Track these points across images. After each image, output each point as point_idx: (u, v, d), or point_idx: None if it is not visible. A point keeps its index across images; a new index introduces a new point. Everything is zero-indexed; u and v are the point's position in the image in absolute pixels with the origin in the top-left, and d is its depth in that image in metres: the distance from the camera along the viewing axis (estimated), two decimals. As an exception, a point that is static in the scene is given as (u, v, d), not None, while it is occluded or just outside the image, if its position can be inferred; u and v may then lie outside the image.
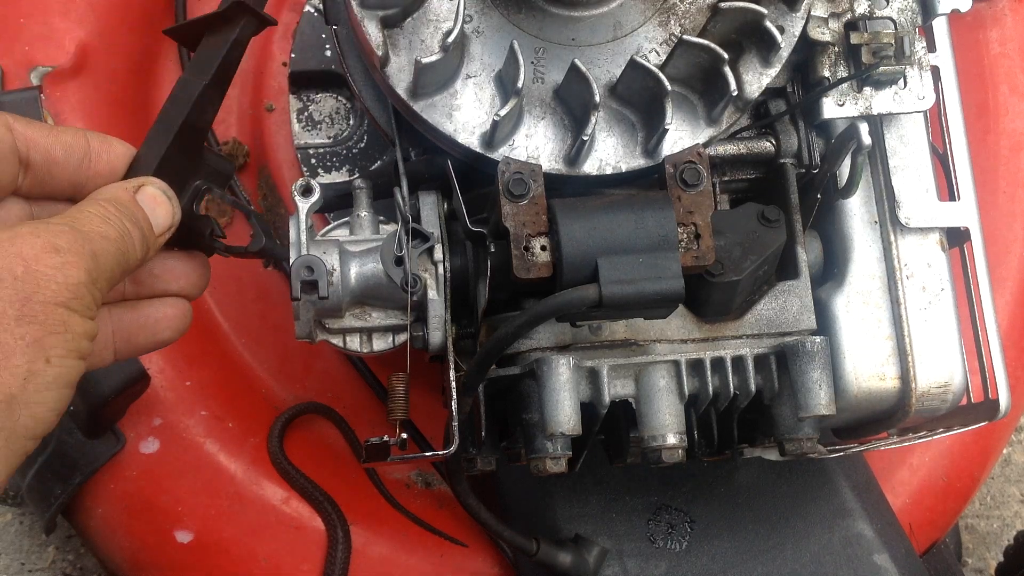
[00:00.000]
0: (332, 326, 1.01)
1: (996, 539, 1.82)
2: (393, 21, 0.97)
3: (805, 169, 1.05)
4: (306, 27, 1.37)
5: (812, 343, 0.98)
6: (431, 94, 0.97)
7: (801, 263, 1.03)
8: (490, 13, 1.00)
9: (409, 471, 1.40)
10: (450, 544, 1.33)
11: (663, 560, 1.20)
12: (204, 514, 1.30)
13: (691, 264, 0.89)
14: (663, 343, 1.01)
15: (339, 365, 1.41)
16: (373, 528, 1.33)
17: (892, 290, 1.04)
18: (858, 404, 1.04)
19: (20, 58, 1.34)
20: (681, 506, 1.23)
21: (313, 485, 1.31)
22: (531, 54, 0.98)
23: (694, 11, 1.01)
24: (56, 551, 1.67)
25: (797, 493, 1.23)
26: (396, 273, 0.97)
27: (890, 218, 1.05)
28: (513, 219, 0.89)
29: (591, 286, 0.85)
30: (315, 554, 1.29)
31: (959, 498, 1.45)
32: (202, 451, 1.31)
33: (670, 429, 0.98)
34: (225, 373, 1.37)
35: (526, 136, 0.96)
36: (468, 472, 1.07)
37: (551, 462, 0.97)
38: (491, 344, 0.90)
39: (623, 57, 0.98)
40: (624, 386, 1.00)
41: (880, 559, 1.20)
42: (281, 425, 1.34)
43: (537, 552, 1.16)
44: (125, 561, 1.33)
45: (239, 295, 1.42)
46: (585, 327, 0.99)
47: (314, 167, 1.38)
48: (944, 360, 1.04)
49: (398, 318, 1.01)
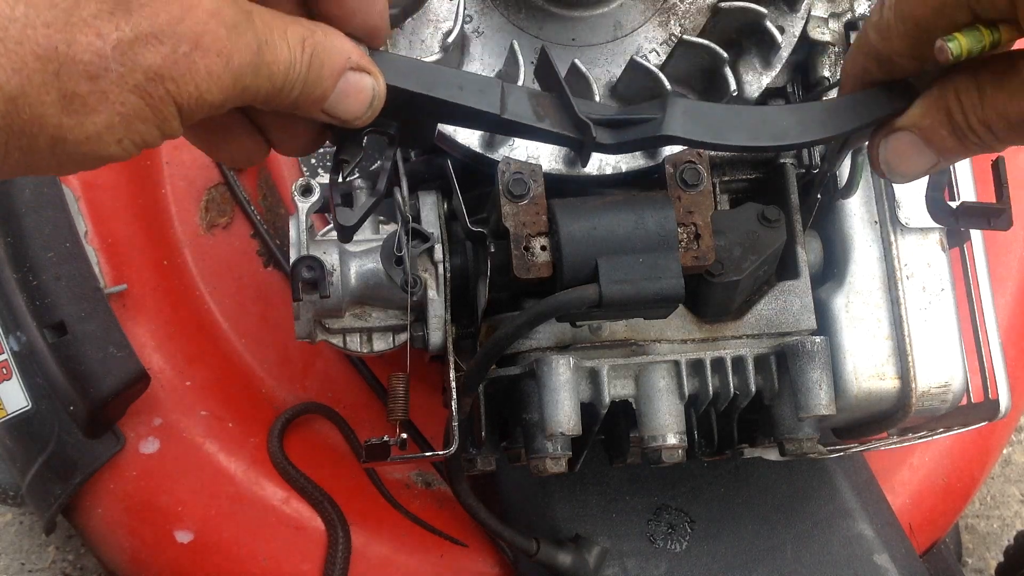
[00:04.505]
0: (332, 326, 1.01)
1: (996, 539, 1.82)
2: (393, 21, 0.97)
3: (805, 169, 1.05)
4: (306, 27, 1.37)
5: (812, 343, 0.98)
6: (431, 94, 0.97)
7: (801, 263, 1.03)
8: (490, 13, 1.00)
9: (409, 471, 1.40)
10: (450, 544, 1.33)
11: (663, 560, 1.20)
12: (204, 514, 1.30)
13: (691, 264, 0.89)
14: (663, 343, 1.01)
15: (339, 365, 1.41)
16: (373, 528, 1.33)
17: (892, 290, 1.04)
18: (858, 404, 1.04)
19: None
20: (681, 506, 1.23)
21: (313, 485, 1.31)
22: (531, 54, 0.98)
23: (694, 11, 1.01)
24: (56, 551, 1.67)
25: (797, 493, 1.23)
26: (396, 273, 0.97)
27: (890, 218, 1.05)
28: (513, 219, 0.89)
29: (591, 286, 0.85)
30: (315, 554, 1.29)
31: (959, 498, 1.45)
32: (202, 451, 1.31)
33: (670, 429, 0.98)
34: (225, 373, 1.38)
35: (526, 136, 0.96)
36: (468, 472, 1.07)
37: (551, 462, 0.97)
38: (491, 344, 0.90)
39: (623, 57, 0.98)
40: (624, 386, 1.00)
41: (880, 559, 1.20)
42: (281, 425, 1.34)
43: (537, 552, 1.16)
44: (125, 561, 1.34)
45: (239, 295, 1.42)
46: (585, 327, 0.99)
47: (314, 167, 1.38)
48: (944, 360, 1.04)
49: (398, 318, 1.01)
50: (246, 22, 0.58)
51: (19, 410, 1.28)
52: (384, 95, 0.68)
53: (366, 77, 0.66)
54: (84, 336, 1.24)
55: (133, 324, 1.32)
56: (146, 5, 0.54)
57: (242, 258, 1.42)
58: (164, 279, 1.39)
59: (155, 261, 1.39)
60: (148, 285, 1.37)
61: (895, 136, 0.71)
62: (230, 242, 1.43)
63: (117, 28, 0.53)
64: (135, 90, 0.55)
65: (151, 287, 1.37)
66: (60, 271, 1.25)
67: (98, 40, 0.53)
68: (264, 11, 0.61)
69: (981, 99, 0.66)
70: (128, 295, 1.34)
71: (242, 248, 1.43)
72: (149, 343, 1.33)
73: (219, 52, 0.56)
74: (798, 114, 0.75)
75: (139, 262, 1.37)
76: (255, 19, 0.59)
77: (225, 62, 0.57)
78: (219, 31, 0.56)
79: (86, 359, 1.23)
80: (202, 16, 0.56)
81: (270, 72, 0.60)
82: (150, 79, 0.55)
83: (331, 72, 0.64)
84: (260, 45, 0.59)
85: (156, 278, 1.38)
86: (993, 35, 0.63)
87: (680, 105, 0.75)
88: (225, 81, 0.57)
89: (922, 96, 0.70)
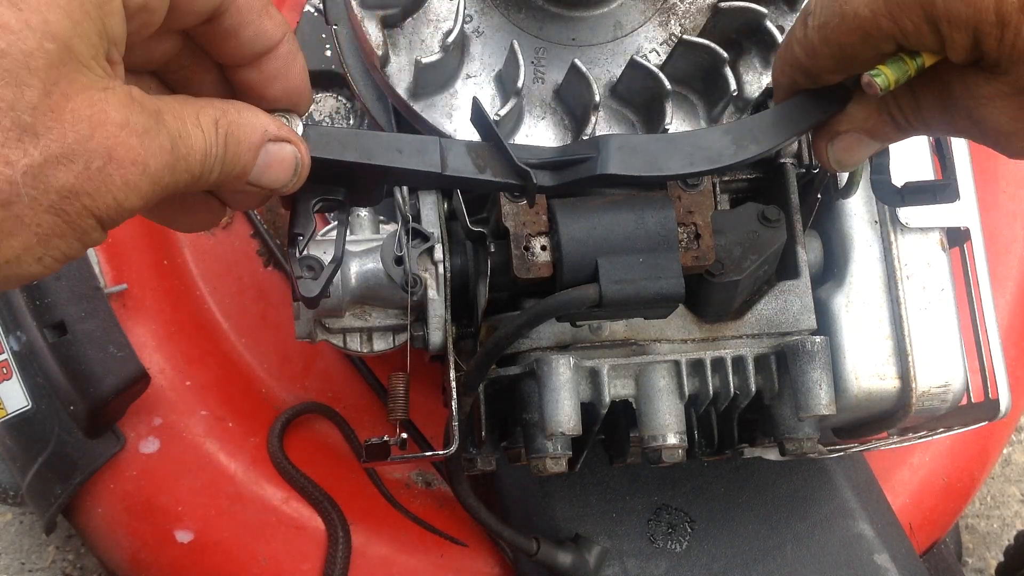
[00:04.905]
0: (332, 326, 1.01)
1: (996, 539, 1.82)
2: (393, 21, 0.97)
3: (805, 169, 1.05)
4: (306, 27, 1.37)
5: (812, 343, 0.98)
6: (431, 94, 0.97)
7: (801, 263, 1.03)
8: (490, 13, 1.00)
9: (409, 471, 1.40)
10: (450, 544, 1.33)
11: (663, 560, 1.20)
12: (204, 514, 1.30)
13: (691, 264, 0.89)
14: (663, 343, 1.01)
15: (339, 365, 1.41)
16: (373, 528, 1.33)
17: (892, 290, 1.04)
18: (858, 404, 1.04)
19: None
20: (681, 506, 1.23)
21: (313, 485, 1.31)
22: (531, 54, 0.98)
23: (694, 11, 1.01)
24: (56, 551, 1.67)
25: (797, 493, 1.23)
26: (396, 273, 0.97)
27: (890, 218, 1.05)
28: (513, 219, 0.89)
29: (591, 286, 0.85)
30: (315, 554, 1.29)
31: (959, 498, 1.45)
32: (202, 451, 1.31)
33: (670, 429, 0.98)
34: (225, 373, 1.38)
35: (526, 136, 0.96)
36: (468, 472, 1.07)
37: (551, 462, 0.97)
38: (491, 344, 0.90)
39: (623, 57, 0.98)
40: (624, 386, 1.00)
41: (880, 559, 1.20)
42: (281, 425, 1.34)
43: (537, 552, 1.16)
44: (125, 561, 1.34)
45: (239, 295, 1.42)
46: (585, 327, 0.99)
47: (314, 167, 1.38)
48: (944, 360, 1.04)
49: (398, 318, 1.01)
50: (156, 124, 0.58)
51: (19, 410, 1.28)
52: (308, 161, 0.67)
53: (286, 146, 0.65)
54: (84, 336, 1.24)
55: (133, 324, 1.32)
56: (53, 127, 0.53)
57: (242, 258, 1.43)
58: (164, 279, 1.39)
59: (155, 261, 1.39)
60: (148, 285, 1.37)
61: (841, 137, 0.75)
62: (230, 242, 1.43)
63: (25, 154, 0.52)
64: (50, 210, 0.54)
65: (151, 287, 1.37)
66: (60, 271, 1.25)
67: (7, 168, 0.52)
68: (173, 102, 0.61)
69: (916, 101, 0.71)
70: (128, 295, 1.34)
71: (242, 248, 1.43)
72: (149, 343, 1.33)
73: (133, 161, 0.56)
74: (732, 133, 0.76)
75: (139, 262, 1.37)
76: (165, 116, 0.59)
77: (141, 170, 0.56)
78: (130, 141, 0.56)
79: (86, 359, 1.23)
80: (111, 129, 0.55)
81: (187, 164, 0.60)
82: (64, 197, 0.54)
83: (249, 148, 0.64)
84: (174, 141, 0.58)
85: (156, 278, 1.38)
86: (917, 62, 0.67)
87: (614, 142, 0.75)
88: (143, 187, 0.57)
89: (859, 100, 0.73)
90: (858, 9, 0.66)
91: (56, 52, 0.53)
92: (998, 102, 0.66)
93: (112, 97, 0.55)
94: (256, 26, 0.64)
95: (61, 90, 0.53)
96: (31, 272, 0.56)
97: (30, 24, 0.52)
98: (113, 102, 0.55)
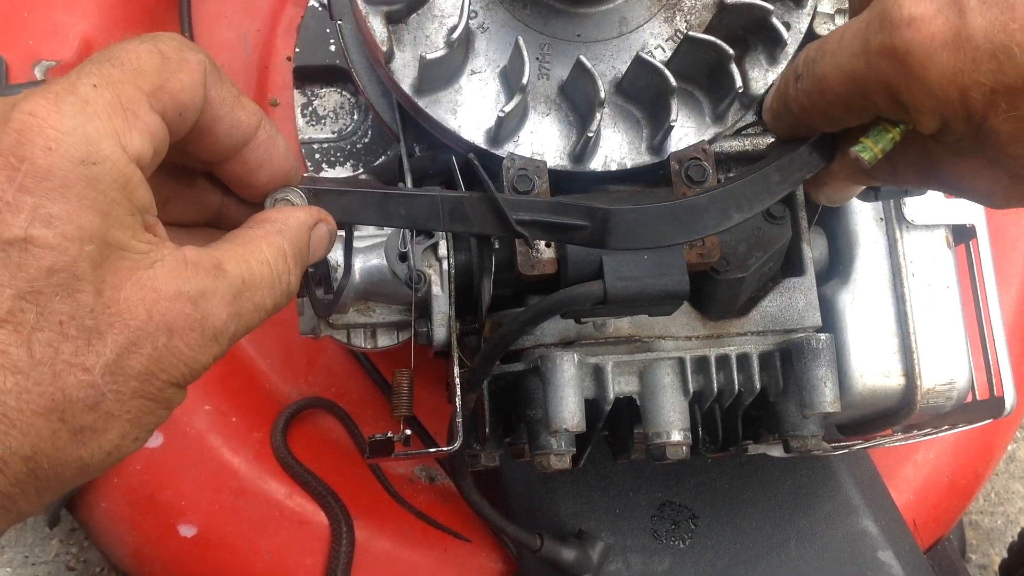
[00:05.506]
0: (336, 322, 1.01)
1: (1000, 535, 1.82)
2: (398, 16, 0.96)
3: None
4: (310, 22, 1.37)
5: (817, 340, 0.98)
6: (436, 90, 0.96)
7: (806, 260, 1.02)
8: (495, 9, 1.00)
9: (413, 466, 1.40)
10: (454, 539, 1.33)
11: (667, 556, 1.20)
12: (208, 508, 1.30)
13: (696, 261, 0.88)
14: (668, 340, 1.00)
15: (343, 361, 1.41)
16: (376, 523, 1.33)
17: (897, 287, 1.04)
18: (863, 401, 1.04)
19: (24, 52, 1.34)
20: (685, 503, 1.23)
21: (317, 480, 1.31)
22: (536, 50, 0.98)
23: (700, 7, 1.01)
24: (60, 544, 1.67)
25: (801, 490, 1.23)
26: (400, 269, 0.97)
27: (896, 215, 1.04)
28: (518, 216, 0.89)
29: (596, 283, 0.85)
30: (319, 548, 1.30)
31: (963, 495, 1.45)
32: (206, 446, 1.32)
33: (674, 426, 0.97)
34: (229, 368, 1.38)
35: (531, 132, 0.96)
36: (472, 468, 1.07)
37: (555, 458, 0.97)
38: (495, 340, 0.90)
39: (628, 53, 0.97)
40: (628, 383, 1.00)
41: (884, 556, 1.20)
42: (285, 420, 1.34)
43: (541, 547, 1.16)
44: (129, 555, 1.34)
45: (243, 290, 1.41)
46: (590, 323, 0.99)
47: (318, 162, 1.38)
48: (949, 357, 1.03)
49: (402, 314, 1.01)
50: (215, 280, 0.59)
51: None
52: (336, 230, 0.72)
53: (322, 226, 0.70)
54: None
55: (137, 319, 1.32)
56: (114, 322, 0.55)
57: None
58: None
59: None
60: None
61: (829, 185, 0.80)
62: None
63: (99, 355, 0.55)
64: (134, 396, 0.57)
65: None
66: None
67: (86, 375, 0.55)
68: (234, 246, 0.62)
69: (892, 166, 0.74)
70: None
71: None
72: (153, 338, 1.33)
73: (192, 328, 0.58)
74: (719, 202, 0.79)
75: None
76: (227, 266, 0.61)
77: (200, 333, 0.59)
78: (185, 309, 0.58)
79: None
80: (165, 305, 0.57)
81: (255, 304, 0.62)
82: (143, 381, 0.57)
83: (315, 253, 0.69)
84: (237, 291, 0.61)
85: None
86: (900, 128, 0.69)
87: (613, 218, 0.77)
88: (211, 347, 0.60)
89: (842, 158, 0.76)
90: (834, 87, 0.69)
91: (96, 251, 0.55)
92: (975, 171, 0.68)
93: (161, 271, 0.58)
94: (231, 119, 0.65)
95: (110, 284, 0.56)
96: (130, 451, 0.59)
97: (66, 236, 0.54)
98: (162, 276, 0.57)
